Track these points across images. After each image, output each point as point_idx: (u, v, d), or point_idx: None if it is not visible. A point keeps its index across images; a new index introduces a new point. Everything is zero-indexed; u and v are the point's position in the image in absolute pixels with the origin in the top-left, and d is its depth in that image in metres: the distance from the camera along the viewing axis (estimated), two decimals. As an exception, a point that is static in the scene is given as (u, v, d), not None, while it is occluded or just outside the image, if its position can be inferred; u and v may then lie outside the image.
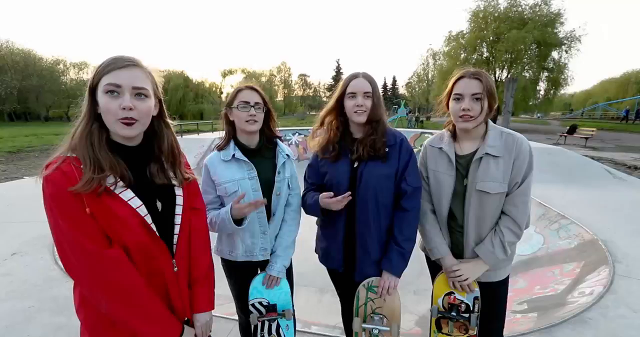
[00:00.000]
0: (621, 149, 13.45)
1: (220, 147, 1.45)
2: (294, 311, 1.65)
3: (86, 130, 0.85)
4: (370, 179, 1.37)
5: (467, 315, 1.40)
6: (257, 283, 1.46)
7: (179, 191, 1.02)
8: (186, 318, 1.07)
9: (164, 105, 1.01)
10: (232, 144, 1.42)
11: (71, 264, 0.83)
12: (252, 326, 1.45)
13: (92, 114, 0.87)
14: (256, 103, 1.39)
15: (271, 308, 1.47)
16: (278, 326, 1.48)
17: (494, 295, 1.41)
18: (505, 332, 1.52)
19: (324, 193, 1.35)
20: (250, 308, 1.45)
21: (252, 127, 1.39)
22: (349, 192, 1.31)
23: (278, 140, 1.54)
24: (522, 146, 1.29)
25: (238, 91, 1.41)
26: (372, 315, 1.46)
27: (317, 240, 1.62)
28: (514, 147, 1.29)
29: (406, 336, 2.53)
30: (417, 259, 1.65)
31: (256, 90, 1.42)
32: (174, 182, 1.01)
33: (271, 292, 1.47)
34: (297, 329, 1.71)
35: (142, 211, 0.89)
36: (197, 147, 8.27)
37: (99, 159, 0.83)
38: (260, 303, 1.45)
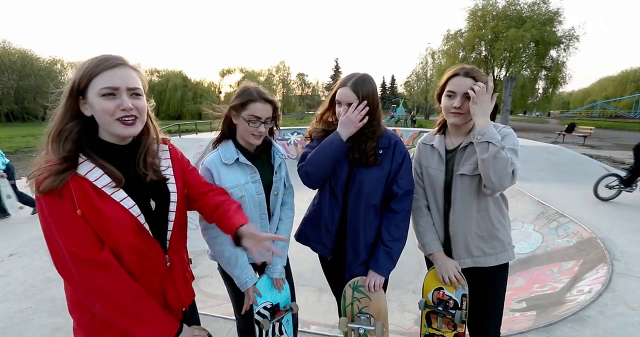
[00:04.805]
0: (619, 147, 13.50)
1: (214, 146, 1.41)
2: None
3: (58, 129, 0.83)
4: (363, 182, 1.38)
5: (454, 311, 1.41)
6: (257, 290, 1.41)
7: (172, 188, 1.00)
8: (184, 309, 1.10)
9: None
10: (233, 146, 1.37)
11: (62, 267, 0.83)
12: (258, 331, 1.41)
13: (72, 114, 0.84)
14: (267, 118, 1.31)
15: (276, 308, 1.45)
16: (280, 324, 1.47)
17: (489, 282, 1.41)
18: (503, 330, 1.52)
19: (341, 117, 1.33)
20: (257, 316, 1.40)
21: (257, 141, 1.33)
22: (365, 102, 1.31)
23: (271, 139, 1.50)
24: (503, 130, 1.31)
25: (250, 101, 1.27)
26: (359, 314, 1.46)
27: (307, 226, 1.57)
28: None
29: (405, 335, 2.53)
30: (416, 259, 1.66)
31: (271, 102, 1.31)
32: (167, 175, 1.00)
33: (271, 293, 1.45)
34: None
35: (135, 211, 0.88)
36: (196, 147, 8.25)
37: (63, 153, 0.81)
38: (265, 308, 1.43)
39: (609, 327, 2.06)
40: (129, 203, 0.87)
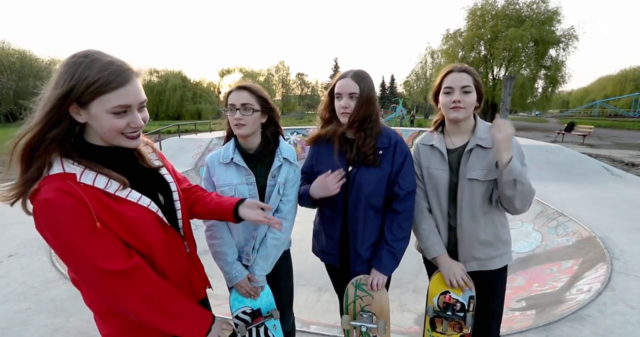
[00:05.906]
0: (618, 146, 13.53)
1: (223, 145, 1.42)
2: (293, 312, 1.64)
3: (37, 137, 0.77)
4: (362, 184, 1.36)
5: (462, 314, 1.40)
6: (236, 294, 1.40)
7: (169, 178, 1.03)
8: (207, 288, 1.16)
9: None
10: (232, 146, 1.37)
11: (89, 282, 0.81)
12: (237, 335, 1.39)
13: (56, 120, 0.77)
14: (243, 105, 1.27)
15: (256, 313, 1.42)
16: (265, 329, 1.44)
17: (491, 282, 1.41)
18: (503, 329, 1.52)
19: (319, 177, 1.34)
20: (235, 320, 1.39)
21: (240, 131, 1.30)
22: (341, 170, 1.33)
23: (281, 139, 1.45)
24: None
25: (228, 94, 1.33)
26: (361, 313, 1.46)
27: (314, 237, 1.61)
28: None
29: (405, 335, 2.54)
30: (416, 258, 1.65)
31: (246, 88, 1.30)
32: (157, 164, 1.01)
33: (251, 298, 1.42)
34: (296, 328, 1.70)
35: (154, 207, 0.90)
36: (195, 147, 8.25)
37: (34, 166, 0.78)
38: (244, 312, 1.41)
39: (609, 326, 2.06)
40: (145, 201, 0.89)
